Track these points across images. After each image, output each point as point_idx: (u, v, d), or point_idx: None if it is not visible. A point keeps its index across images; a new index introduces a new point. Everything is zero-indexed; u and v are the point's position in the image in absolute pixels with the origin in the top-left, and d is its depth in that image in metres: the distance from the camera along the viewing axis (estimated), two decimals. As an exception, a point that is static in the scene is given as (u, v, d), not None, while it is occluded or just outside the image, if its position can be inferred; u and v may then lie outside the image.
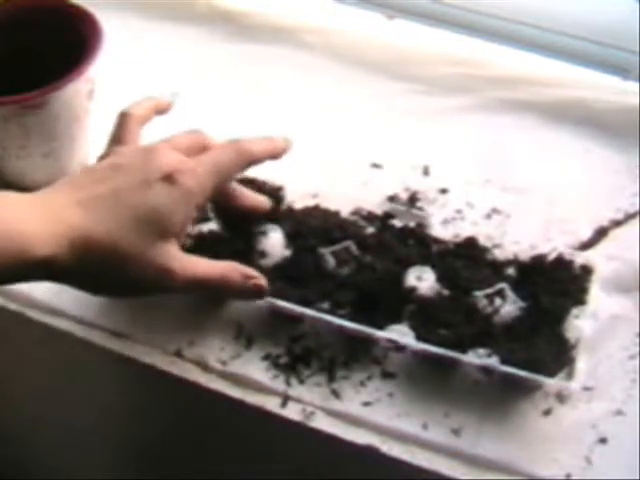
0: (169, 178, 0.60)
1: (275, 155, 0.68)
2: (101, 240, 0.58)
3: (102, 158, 0.65)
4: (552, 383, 0.62)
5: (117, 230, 0.58)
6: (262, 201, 0.70)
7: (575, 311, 0.65)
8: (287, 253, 0.69)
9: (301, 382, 0.65)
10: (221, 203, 0.69)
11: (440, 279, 0.67)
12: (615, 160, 0.81)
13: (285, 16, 0.94)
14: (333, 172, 0.78)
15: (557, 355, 0.62)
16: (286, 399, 0.64)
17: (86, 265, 0.58)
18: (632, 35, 0.82)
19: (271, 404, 0.64)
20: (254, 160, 0.66)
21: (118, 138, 0.66)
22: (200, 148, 0.65)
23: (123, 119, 0.67)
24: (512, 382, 0.62)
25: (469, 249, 0.69)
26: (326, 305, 0.65)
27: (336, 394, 0.64)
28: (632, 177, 0.79)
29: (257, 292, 0.64)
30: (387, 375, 0.65)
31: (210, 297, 0.69)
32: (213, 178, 0.62)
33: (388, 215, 0.71)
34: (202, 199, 0.62)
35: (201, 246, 0.67)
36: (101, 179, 0.60)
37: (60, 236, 0.57)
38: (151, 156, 0.62)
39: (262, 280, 0.63)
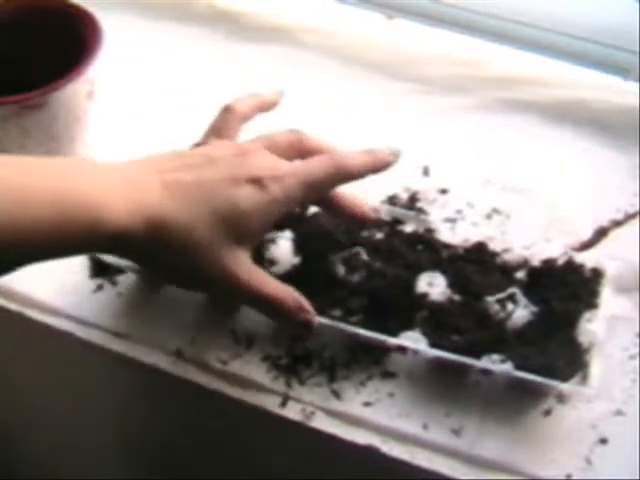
0: (258, 182, 0.59)
1: (377, 170, 0.66)
2: (176, 226, 0.57)
3: (197, 146, 0.64)
4: (567, 388, 0.61)
5: (195, 220, 0.58)
6: (364, 207, 0.68)
7: (587, 315, 0.65)
8: (296, 260, 0.68)
9: (301, 382, 0.65)
10: (323, 209, 0.68)
11: (451, 285, 0.67)
12: (615, 160, 0.81)
13: (285, 16, 0.94)
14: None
15: (571, 359, 0.62)
16: (286, 399, 0.64)
17: (156, 247, 0.57)
18: (632, 35, 0.82)
19: (271, 404, 0.64)
20: (351, 176, 0.64)
21: (217, 130, 0.66)
22: (299, 150, 0.64)
23: (225, 113, 0.67)
24: (513, 383, 0.62)
25: (479, 254, 0.69)
26: (338, 312, 0.65)
27: (336, 394, 0.64)
28: (632, 177, 0.79)
29: (304, 327, 0.62)
30: (387, 375, 0.65)
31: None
32: (302, 191, 0.61)
33: (396, 220, 0.71)
34: (286, 209, 0.61)
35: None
36: (190, 166, 0.60)
37: (136, 212, 0.56)
38: (245, 157, 0.61)
39: (313, 317, 0.62)
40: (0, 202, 0.52)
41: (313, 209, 0.72)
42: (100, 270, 0.71)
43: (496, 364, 0.62)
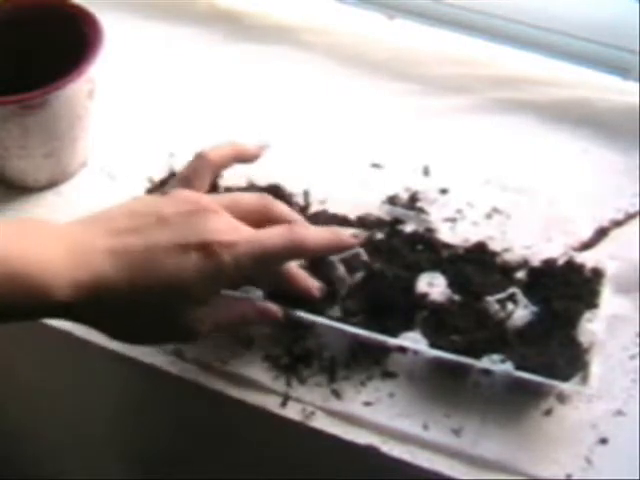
0: (207, 248, 0.57)
1: (336, 250, 0.64)
2: (122, 293, 0.56)
3: (159, 190, 0.63)
4: (567, 388, 0.62)
5: (140, 287, 0.56)
6: (315, 286, 0.65)
7: (587, 315, 0.65)
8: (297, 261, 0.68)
9: (301, 382, 0.65)
10: (271, 284, 0.65)
11: (451, 285, 0.67)
12: (615, 160, 0.81)
13: (285, 16, 0.94)
14: (332, 172, 0.78)
15: (571, 359, 0.62)
16: (286, 399, 0.64)
17: (105, 315, 0.57)
18: (632, 35, 0.82)
19: (271, 404, 0.64)
20: (306, 252, 0.62)
21: (185, 179, 0.64)
22: (263, 215, 0.62)
23: (197, 160, 0.64)
24: (512, 383, 0.62)
25: (479, 254, 0.69)
26: (338, 313, 0.65)
27: (336, 394, 0.64)
28: (632, 177, 0.79)
29: (273, 322, 0.63)
30: (387, 375, 0.65)
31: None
32: (252, 262, 0.58)
33: (396, 220, 0.71)
34: (236, 279, 0.59)
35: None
36: (141, 229, 0.58)
37: (82, 280, 0.55)
38: (198, 217, 0.58)
39: (277, 313, 0.62)
40: None
41: (314, 208, 0.72)
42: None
43: (496, 364, 0.62)
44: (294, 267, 0.65)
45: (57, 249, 0.56)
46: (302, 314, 0.64)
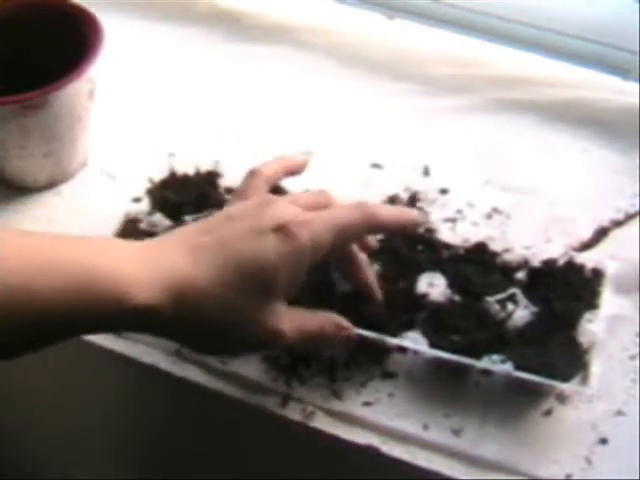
0: (283, 229, 0.56)
1: (406, 228, 0.64)
2: (204, 290, 0.55)
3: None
4: (567, 388, 0.62)
5: (222, 281, 0.55)
6: (376, 288, 0.65)
7: (587, 315, 0.65)
8: None
9: (302, 382, 0.65)
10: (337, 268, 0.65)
11: (451, 285, 0.67)
12: (615, 160, 0.81)
13: (285, 16, 0.94)
14: (333, 172, 0.78)
15: (571, 360, 0.62)
16: (286, 399, 0.64)
17: (187, 317, 0.55)
18: (632, 35, 0.82)
19: (271, 404, 0.64)
20: (380, 226, 0.62)
21: (243, 194, 0.63)
22: (322, 207, 0.61)
23: (250, 177, 0.64)
24: (512, 383, 0.62)
25: (479, 254, 0.69)
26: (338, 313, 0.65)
27: (336, 394, 0.64)
28: (632, 177, 0.79)
29: (345, 342, 0.62)
30: (387, 375, 0.65)
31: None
32: (331, 235, 0.57)
33: None
34: (316, 257, 0.58)
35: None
36: (211, 228, 0.58)
37: (161, 283, 0.54)
38: (267, 206, 0.58)
39: (352, 331, 0.61)
40: (25, 274, 0.52)
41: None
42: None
43: (496, 364, 0.62)
44: (365, 262, 0.65)
45: (134, 258, 0.55)
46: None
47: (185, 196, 0.72)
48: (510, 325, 0.64)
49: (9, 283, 0.52)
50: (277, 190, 0.70)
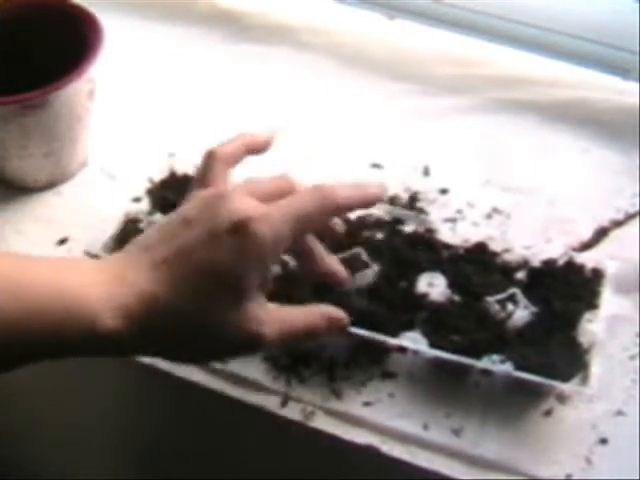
0: (239, 228, 0.54)
1: (366, 204, 0.62)
2: (173, 305, 0.54)
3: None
4: (567, 388, 0.62)
5: (188, 294, 0.54)
6: (341, 272, 0.63)
7: (588, 315, 0.65)
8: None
9: (301, 382, 0.65)
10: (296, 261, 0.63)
11: (451, 285, 0.67)
12: (615, 160, 0.81)
13: (285, 16, 0.94)
14: (333, 172, 0.78)
15: (571, 360, 0.62)
16: (286, 399, 0.64)
17: (156, 334, 0.55)
18: (632, 35, 0.82)
19: (271, 404, 0.64)
20: (340, 207, 0.59)
21: (201, 180, 0.61)
22: (283, 194, 0.58)
23: (207, 159, 0.62)
24: (513, 383, 0.62)
25: (479, 254, 0.69)
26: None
27: (336, 394, 0.64)
28: (632, 177, 0.79)
29: (341, 331, 0.61)
30: (387, 375, 0.65)
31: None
32: (290, 225, 0.56)
33: (397, 220, 0.71)
34: (278, 249, 0.56)
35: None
36: (170, 237, 0.56)
37: (127, 306, 0.53)
38: (220, 204, 0.56)
39: (345, 319, 0.60)
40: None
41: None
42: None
43: (496, 364, 0.62)
44: (324, 251, 0.62)
45: (99, 279, 0.54)
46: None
47: (185, 196, 0.72)
48: (510, 325, 0.64)
49: None
50: None
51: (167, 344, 0.56)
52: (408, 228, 0.71)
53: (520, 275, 0.68)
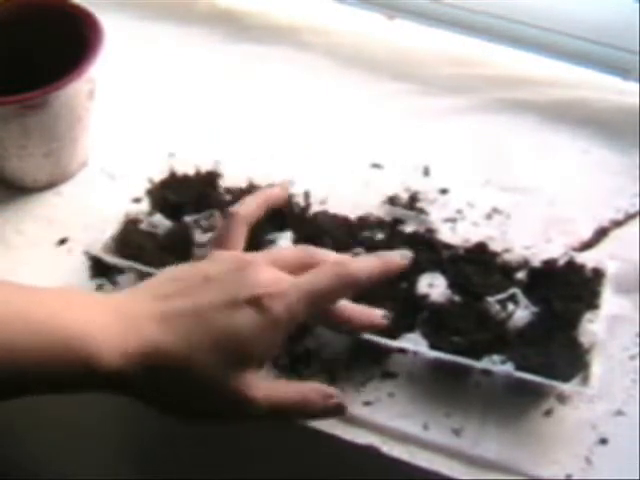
0: (257, 302, 0.55)
1: (387, 275, 0.61)
2: (175, 358, 0.54)
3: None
4: (568, 388, 0.62)
5: (193, 351, 0.54)
6: (379, 315, 0.63)
7: (588, 315, 0.65)
8: None
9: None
10: (323, 323, 0.63)
11: (452, 285, 0.67)
12: (615, 160, 0.81)
13: (285, 16, 0.94)
14: (332, 172, 0.78)
15: (571, 360, 0.62)
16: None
17: (156, 382, 0.55)
18: (632, 35, 0.82)
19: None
20: (359, 284, 0.60)
21: (220, 241, 0.62)
22: (305, 266, 0.59)
23: (228, 219, 0.63)
24: (513, 383, 0.62)
25: (479, 254, 0.69)
26: None
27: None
28: (632, 177, 0.79)
29: (337, 411, 0.60)
30: (387, 375, 0.65)
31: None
32: (306, 306, 0.57)
33: (397, 220, 0.71)
34: (291, 328, 0.57)
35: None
36: (187, 291, 0.56)
37: (131, 349, 0.54)
38: (244, 272, 0.57)
39: (342, 398, 0.60)
40: None
41: (314, 208, 0.72)
42: (100, 270, 0.71)
43: (497, 365, 0.62)
44: (347, 305, 0.62)
45: (104, 318, 0.55)
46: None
47: (185, 196, 0.72)
48: (510, 325, 0.64)
49: None
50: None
51: (162, 396, 0.56)
52: (408, 228, 0.71)
53: (520, 275, 0.68)
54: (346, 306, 0.62)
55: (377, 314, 0.63)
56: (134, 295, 0.58)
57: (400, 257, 0.63)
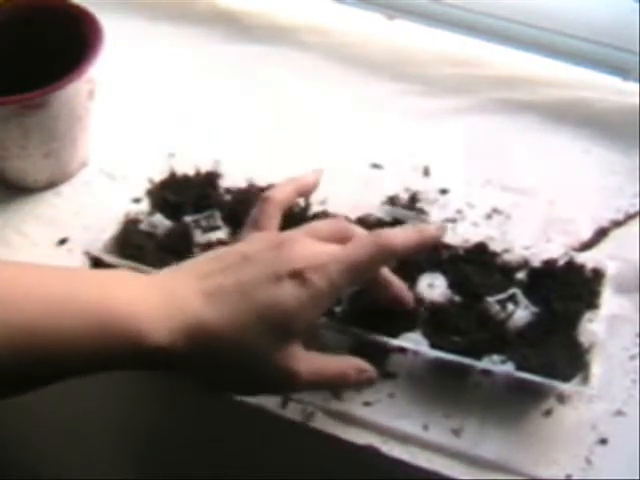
0: (299, 275, 0.56)
1: (424, 246, 0.62)
2: (221, 334, 0.55)
3: (236, 241, 0.63)
4: (568, 389, 0.62)
5: (239, 327, 0.55)
6: (407, 295, 0.65)
7: (588, 315, 0.65)
8: None
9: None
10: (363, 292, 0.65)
11: (452, 285, 0.67)
12: (615, 160, 0.81)
13: (285, 16, 0.94)
14: (333, 173, 0.78)
15: (571, 360, 0.62)
16: (286, 399, 0.64)
17: (203, 358, 0.56)
18: (632, 35, 0.82)
19: (271, 404, 0.64)
20: (396, 255, 0.61)
21: (255, 222, 0.63)
22: (340, 239, 0.60)
23: (262, 203, 0.64)
24: (513, 383, 0.62)
25: (479, 254, 0.69)
26: (339, 313, 0.65)
27: (336, 394, 0.64)
28: (632, 177, 0.79)
29: (369, 383, 0.62)
30: (388, 375, 0.65)
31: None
32: (347, 277, 0.57)
33: (397, 220, 0.71)
34: (332, 299, 0.59)
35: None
36: (228, 269, 0.57)
37: (177, 326, 0.54)
38: (283, 248, 0.58)
39: (374, 373, 0.61)
40: (41, 311, 0.53)
41: (314, 208, 0.72)
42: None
43: (497, 365, 0.62)
44: (387, 272, 0.64)
45: (150, 297, 0.55)
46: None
47: (185, 196, 0.72)
48: (510, 325, 0.64)
49: (19, 322, 0.52)
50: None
51: (207, 371, 0.57)
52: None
53: (520, 275, 0.68)
54: (388, 277, 0.64)
55: (408, 294, 0.65)
56: (176, 274, 0.58)
57: (436, 229, 0.64)
